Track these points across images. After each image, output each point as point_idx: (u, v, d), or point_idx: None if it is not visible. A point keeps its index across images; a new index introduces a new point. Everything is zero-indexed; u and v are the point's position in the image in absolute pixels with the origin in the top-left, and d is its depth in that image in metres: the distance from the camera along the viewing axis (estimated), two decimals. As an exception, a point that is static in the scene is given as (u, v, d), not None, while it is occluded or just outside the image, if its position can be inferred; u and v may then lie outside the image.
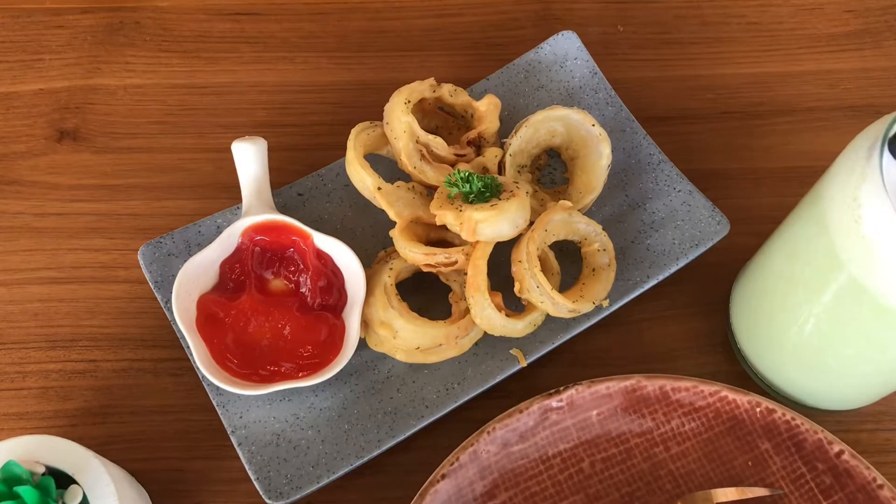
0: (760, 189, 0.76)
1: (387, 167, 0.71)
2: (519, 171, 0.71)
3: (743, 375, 0.69)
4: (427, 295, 0.68)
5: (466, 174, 0.64)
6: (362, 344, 0.65)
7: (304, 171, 0.72)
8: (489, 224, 0.62)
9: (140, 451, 0.65)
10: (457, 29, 0.82)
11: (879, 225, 0.48)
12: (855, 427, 0.68)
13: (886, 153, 0.49)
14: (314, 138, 0.76)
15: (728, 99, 0.80)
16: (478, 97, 0.73)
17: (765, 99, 0.80)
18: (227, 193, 0.73)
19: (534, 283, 0.63)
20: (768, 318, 0.63)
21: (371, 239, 0.70)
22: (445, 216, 0.63)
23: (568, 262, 0.69)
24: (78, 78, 0.78)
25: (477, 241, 0.63)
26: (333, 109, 0.78)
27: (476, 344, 0.66)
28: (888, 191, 0.48)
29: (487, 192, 0.63)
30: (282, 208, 0.70)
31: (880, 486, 0.62)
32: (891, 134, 0.49)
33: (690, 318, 0.71)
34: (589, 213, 0.71)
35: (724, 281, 0.71)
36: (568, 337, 0.67)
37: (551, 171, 0.74)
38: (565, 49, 0.76)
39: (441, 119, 0.73)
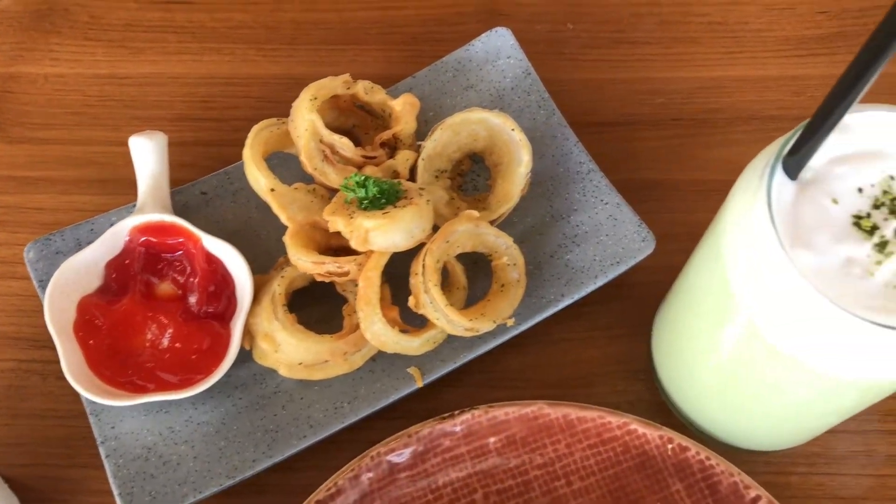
0: (706, 203, 0.69)
1: (298, 168, 0.67)
2: (437, 177, 0.66)
3: (663, 408, 0.63)
4: (328, 306, 0.64)
5: (363, 178, 0.59)
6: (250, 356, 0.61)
7: (216, 169, 0.69)
8: (380, 233, 0.57)
9: (18, 456, 0.63)
10: (396, 22, 0.77)
11: (767, 257, 0.42)
12: (786, 469, 0.62)
13: (780, 174, 0.44)
14: (232, 133, 0.72)
15: (680, 104, 0.74)
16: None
17: (722, 105, 0.74)
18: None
19: (427, 299, 0.58)
20: (680, 350, 0.57)
21: (276, 243, 0.66)
22: (337, 223, 0.58)
23: (484, 275, 0.64)
24: None
25: (371, 251, 0.59)
26: (257, 104, 0.74)
27: (373, 360, 0.62)
28: (777, 218, 0.42)
29: (383, 198, 0.59)
30: (183, 207, 0.66)
31: (798, 539, 0.56)
32: (784, 153, 0.43)
33: (613, 341, 0.66)
34: (509, 223, 0.66)
35: (652, 302, 0.65)
36: (472, 356, 0.62)
37: (475, 178, 0.69)
38: (498, 47, 0.71)
39: (359, 118, 0.69)
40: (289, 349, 0.59)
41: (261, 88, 0.75)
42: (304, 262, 0.59)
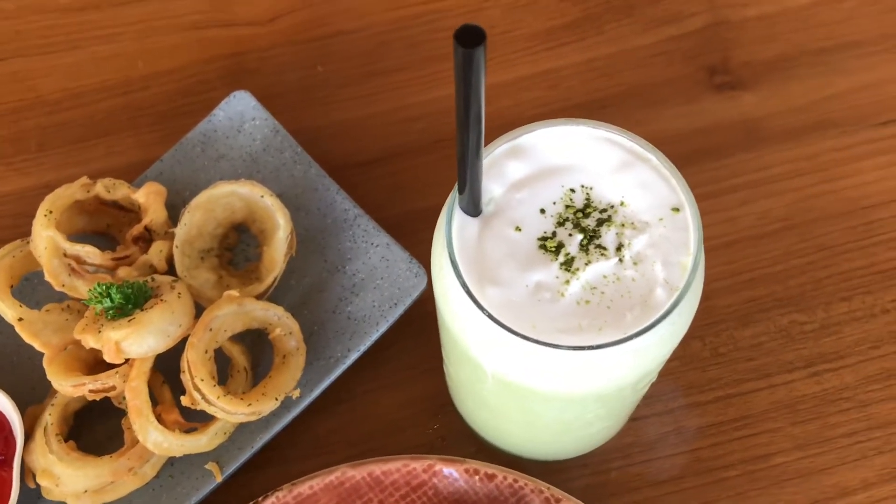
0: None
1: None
2: (202, 258, 0.64)
3: (471, 435, 0.63)
4: (114, 420, 0.61)
5: (105, 287, 0.57)
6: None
7: (-21, 301, 0.66)
8: (131, 342, 0.55)
9: None
10: (143, 104, 0.75)
11: (460, 297, 0.42)
12: (602, 467, 0.62)
13: (459, 214, 0.43)
14: (-8, 260, 0.69)
15: (439, 125, 0.73)
16: (154, 180, 0.67)
17: (484, 115, 0.74)
18: None
19: (197, 394, 0.56)
20: (459, 380, 0.57)
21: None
22: (87, 340, 0.56)
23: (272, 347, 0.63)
24: None
25: (133, 360, 0.57)
26: (15, 223, 0.71)
27: (171, 464, 0.60)
28: (462, 259, 0.42)
29: (130, 303, 0.57)
30: (-57, 353, 0.63)
31: (614, 540, 0.56)
32: (457, 205, 0.43)
33: (417, 379, 0.65)
34: (287, 287, 0.65)
35: (443, 333, 0.65)
36: (269, 437, 0.60)
37: (245, 248, 0.67)
38: (241, 111, 0.69)
39: (112, 216, 0.66)
40: (70, 480, 0.56)
41: (16, 205, 0.72)
42: (65, 387, 0.57)
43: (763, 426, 0.63)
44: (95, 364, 0.60)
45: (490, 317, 0.40)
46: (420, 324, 0.65)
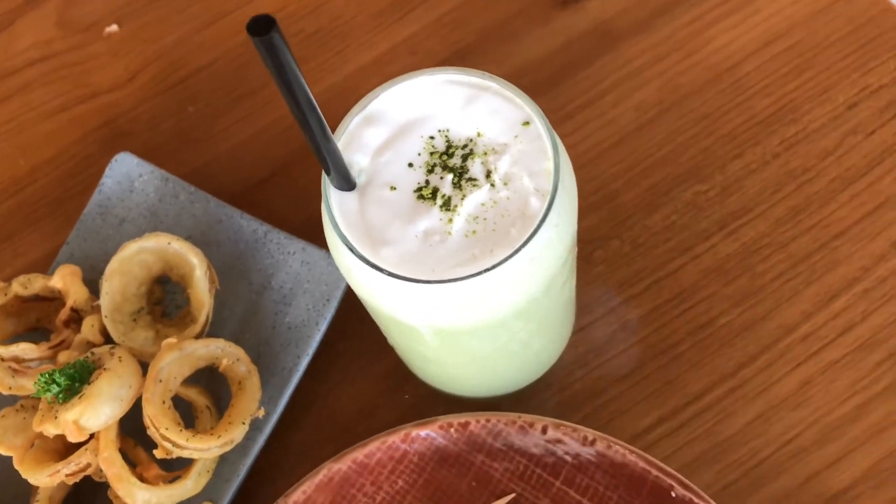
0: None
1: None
2: (135, 319, 0.66)
3: (438, 394, 0.65)
4: (102, 499, 0.63)
5: (48, 374, 0.58)
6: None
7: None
8: (88, 416, 0.57)
9: None
10: (35, 198, 0.76)
11: (361, 269, 0.44)
12: (566, 383, 0.65)
13: (335, 192, 0.45)
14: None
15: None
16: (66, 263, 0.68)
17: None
18: None
19: (167, 444, 0.58)
20: (396, 342, 0.59)
21: (28, 467, 0.65)
22: (47, 429, 0.58)
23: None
24: None
25: (97, 433, 0.59)
26: (-52, 348, 0.72)
27: (168, 518, 0.62)
28: (350, 233, 0.44)
29: (77, 382, 0.58)
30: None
31: (592, 442, 0.59)
32: (330, 186, 0.45)
33: (372, 363, 0.67)
34: (222, 320, 0.67)
35: (382, 312, 0.67)
36: (251, 461, 0.62)
37: (173, 297, 0.69)
38: (126, 172, 0.70)
39: (39, 309, 0.67)
40: (75, 565, 0.58)
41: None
42: (42, 479, 0.58)
43: (698, 296, 0.66)
44: (66, 451, 0.61)
45: (390, 274, 0.43)
46: (357, 313, 0.67)
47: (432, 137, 0.46)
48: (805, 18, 0.73)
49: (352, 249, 0.43)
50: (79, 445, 0.61)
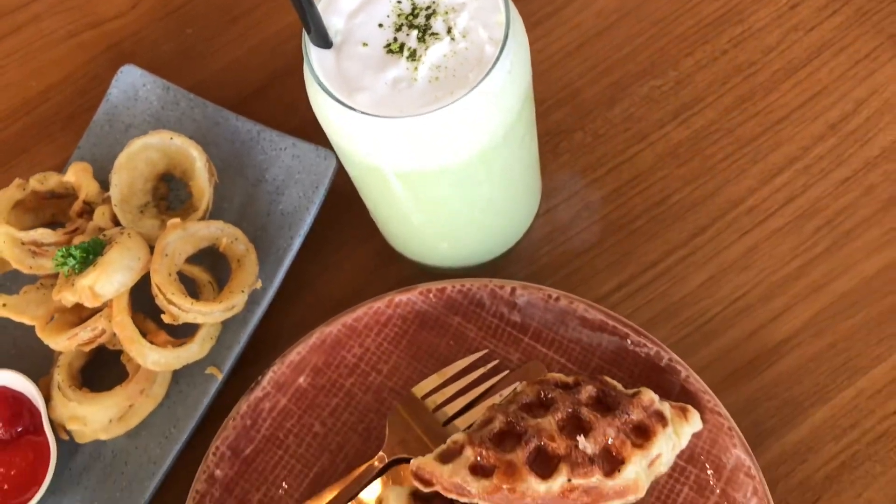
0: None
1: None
2: (142, 211, 0.72)
3: (421, 271, 0.72)
4: (118, 366, 0.69)
5: (65, 249, 0.65)
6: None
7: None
8: (101, 282, 0.63)
9: None
10: (48, 115, 0.83)
11: (340, 115, 0.51)
12: (534, 258, 0.71)
13: (315, 50, 0.52)
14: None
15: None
16: (79, 168, 0.75)
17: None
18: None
19: (174, 308, 0.65)
20: (376, 210, 0.65)
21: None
22: (65, 297, 0.64)
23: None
24: None
25: (110, 301, 0.65)
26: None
27: (176, 382, 0.68)
28: (329, 84, 0.51)
29: (90, 254, 0.65)
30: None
31: (556, 299, 0.65)
32: (311, 44, 0.52)
33: (358, 244, 0.74)
34: (221, 210, 0.73)
35: (367, 199, 0.74)
36: (251, 328, 0.69)
37: (178, 192, 0.75)
38: (131, 82, 0.77)
39: (54, 206, 0.74)
40: (94, 417, 0.64)
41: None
42: (62, 343, 0.65)
43: (653, 177, 0.72)
44: (82, 322, 0.68)
45: (364, 113, 0.49)
46: (344, 203, 0.74)
47: (399, 2, 0.52)
48: (751, -70, 0.79)
49: (330, 95, 0.50)
50: (94, 313, 0.67)
